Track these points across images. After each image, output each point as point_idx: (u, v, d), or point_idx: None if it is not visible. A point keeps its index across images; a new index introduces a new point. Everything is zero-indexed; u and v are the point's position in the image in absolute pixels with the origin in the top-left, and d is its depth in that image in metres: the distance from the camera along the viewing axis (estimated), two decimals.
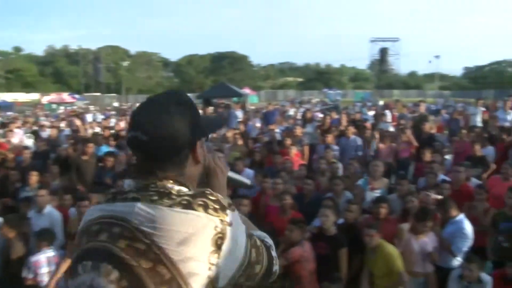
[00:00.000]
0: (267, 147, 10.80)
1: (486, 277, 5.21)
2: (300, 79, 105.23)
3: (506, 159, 9.04)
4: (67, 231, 6.45)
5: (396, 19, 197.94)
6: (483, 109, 16.24)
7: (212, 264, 1.37)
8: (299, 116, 19.61)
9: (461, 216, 5.90)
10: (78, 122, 14.17)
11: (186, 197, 1.41)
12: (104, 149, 10.54)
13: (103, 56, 66.91)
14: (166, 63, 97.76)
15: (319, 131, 11.43)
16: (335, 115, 16.01)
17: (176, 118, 1.48)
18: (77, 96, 58.45)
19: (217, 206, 1.42)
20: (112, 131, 13.03)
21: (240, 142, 11.17)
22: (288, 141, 10.08)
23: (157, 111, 1.48)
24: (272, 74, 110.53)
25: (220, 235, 1.39)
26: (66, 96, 54.54)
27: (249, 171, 8.52)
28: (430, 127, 11.33)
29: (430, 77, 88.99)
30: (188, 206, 1.39)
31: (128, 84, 79.45)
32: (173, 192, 1.43)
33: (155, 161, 1.48)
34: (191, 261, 1.34)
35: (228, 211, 1.44)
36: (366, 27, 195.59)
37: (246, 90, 44.64)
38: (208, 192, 1.45)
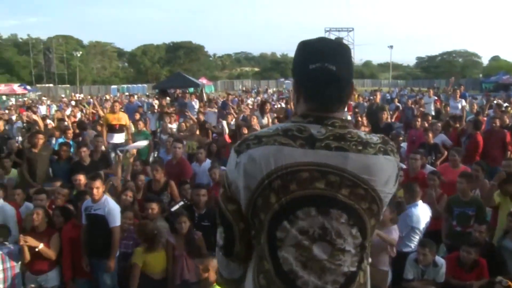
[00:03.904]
0: (223, 137, 10.79)
1: (441, 260, 5.40)
2: (256, 69, 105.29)
3: (459, 146, 9.34)
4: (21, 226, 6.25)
5: (350, 9, 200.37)
6: (436, 98, 16.72)
7: (392, 194, 1.73)
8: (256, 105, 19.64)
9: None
10: (35, 116, 13.72)
11: (380, 145, 1.69)
12: (61, 141, 10.26)
13: (55, 46, 64.84)
14: (120, 53, 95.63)
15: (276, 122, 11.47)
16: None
17: (348, 54, 1.75)
18: (28, 87, 56.54)
19: (395, 150, 1.74)
20: (65, 123, 12.65)
21: (197, 132, 11.08)
22: (245, 130, 10.04)
23: (335, 46, 1.74)
24: (228, 64, 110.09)
25: (400, 171, 1.77)
26: (17, 88, 52.63)
27: (208, 161, 8.47)
28: (386, 116, 11.55)
29: (384, 66, 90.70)
30: (386, 152, 1.69)
31: (82, 75, 77.41)
32: (369, 141, 1.68)
33: (338, 90, 1.70)
34: (388, 195, 1.71)
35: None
36: (321, 16, 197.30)
37: (203, 81, 44.36)
38: (387, 138, 1.76)
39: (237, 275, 1.92)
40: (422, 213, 5.92)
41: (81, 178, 7.04)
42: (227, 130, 11.30)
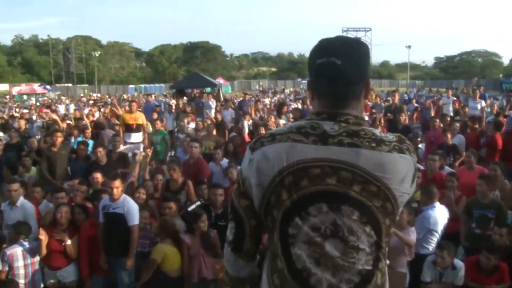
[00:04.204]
0: (240, 137, 10.80)
1: (459, 263, 5.32)
2: (273, 69, 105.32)
3: (478, 147, 9.20)
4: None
5: (368, 9, 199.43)
6: (455, 98, 16.52)
7: (409, 194, 1.69)
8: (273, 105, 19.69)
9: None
10: (54, 115, 13.90)
11: (395, 143, 1.65)
12: (79, 140, 10.37)
13: (74, 46, 65.63)
14: (138, 53, 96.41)
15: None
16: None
17: (362, 52, 1.71)
18: (48, 87, 57.31)
19: (411, 149, 1.70)
20: (84, 122, 12.78)
21: (214, 132, 11.10)
22: (262, 130, 10.04)
23: (348, 43, 1.72)
24: (245, 64, 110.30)
25: (416, 171, 1.72)
26: (37, 87, 53.47)
27: (225, 161, 8.49)
28: (405, 118, 11.46)
29: (402, 66, 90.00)
30: (401, 150, 1.65)
31: (100, 74, 78.25)
32: (384, 139, 1.65)
33: (345, 86, 1.67)
34: (404, 195, 1.66)
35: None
36: (338, 16, 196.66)
37: (220, 80, 44.55)
38: (403, 137, 1.72)
39: (243, 273, 1.93)
40: (439, 215, 5.86)
41: (98, 176, 7.14)
42: (247, 130, 11.31)
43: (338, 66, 1.64)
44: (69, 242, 5.72)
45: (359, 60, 1.70)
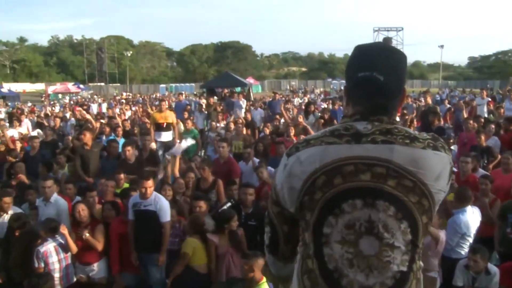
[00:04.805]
0: (272, 137, 10.78)
1: (494, 268, 5.16)
2: (303, 69, 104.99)
3: None
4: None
5: (399, 8, 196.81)
6: (489, 99, 16.15)
7: (445, 192, 1.67)
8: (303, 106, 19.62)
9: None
10: (87, 115, 14.19)
11: (430, 140, 1.65)
12: (110, 138, 10.53)
13: (106, 46, 66.88)
14: (169, 52, 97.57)
15: (321, 122, 11.40)
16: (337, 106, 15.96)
17: (402, 64, 1.73)
18: (81, 86, 58.55)
19: (446, 147, 1.70)
20: (115, 121, 12.97)
21: (244, 131, 11.12)
22: (292, 130, 10.05)
23: (389, 55, 1.72)
24: (275, 63, 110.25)
25: (452, 169, 1.71)
26: (71, 86, 54.73)
27: (256, 160, 8.50)
28: (438, 119, 11.23)
29: (435, 66, 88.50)
30: (435, 147, 1.64)
31: (132, 74, 79.43)
32: (418, 136, 1.65)
33: (385, 100, 1.69)
34: (440, 192, 1.65)
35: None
36: (369, 15, 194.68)
37: (250, 80, 44.61)
38: (437, 136, 1.71)
39: (283, 273, 1.99)
40: (470, 218, 5.70)
41: (122, 177, 7.39)
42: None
43: (381, 82, 1.66)
44: (87, 235, 5.80)
45: (400, 73, 1.72)
